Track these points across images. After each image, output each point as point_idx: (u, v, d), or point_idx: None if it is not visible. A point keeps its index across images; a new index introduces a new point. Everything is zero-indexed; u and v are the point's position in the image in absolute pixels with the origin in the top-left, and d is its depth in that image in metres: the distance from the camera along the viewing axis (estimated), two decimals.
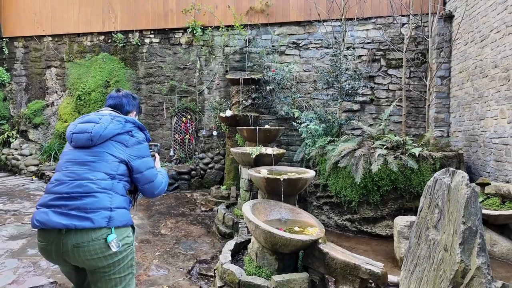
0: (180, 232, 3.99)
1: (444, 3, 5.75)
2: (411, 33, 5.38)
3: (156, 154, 1.89)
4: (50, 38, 7.71)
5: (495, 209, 3.41)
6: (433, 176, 2.12)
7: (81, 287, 1.65)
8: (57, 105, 7.67)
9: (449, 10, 5.52)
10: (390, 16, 5.95)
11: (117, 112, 1.79)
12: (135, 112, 1.94)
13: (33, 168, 6.91)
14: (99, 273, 1.48)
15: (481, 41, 4.63)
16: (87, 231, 1.40)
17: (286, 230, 2.67)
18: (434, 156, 3.84)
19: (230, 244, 2.95)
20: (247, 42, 6.66)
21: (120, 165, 1.57)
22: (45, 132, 7.67)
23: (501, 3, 4.16)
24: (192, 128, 6.97)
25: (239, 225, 3.63)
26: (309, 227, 2.74)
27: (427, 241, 2.05)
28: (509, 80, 3.99)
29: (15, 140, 7.61)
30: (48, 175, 6.41)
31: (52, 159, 7.03)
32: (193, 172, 6.45)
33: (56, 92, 7.73)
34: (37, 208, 1.48)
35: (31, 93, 7.88)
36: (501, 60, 4.14)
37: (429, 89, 4.89)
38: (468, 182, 1.91)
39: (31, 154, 7.33)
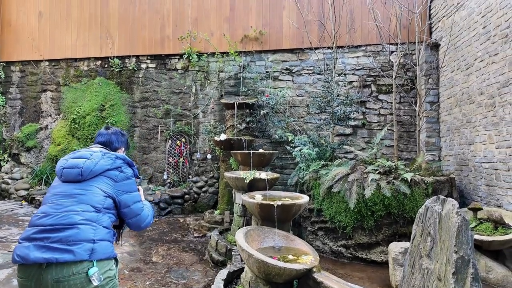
0: (172, 259, 3.90)
1: (430, 33, 6.02)
2: (399, 60, 5.58)
3: (140, 187, 1.90)
4: (47, 63, 7.81)
5: (488, 235, 3.42)
6: (424, 204, 2.14)
7: None
8: (51, 128, 7.66)
9: (435, 40, 5.77)
10: (379, 44, 6.19)
11: (107, 149, 1.84)
12: (123, 148, 2.00)
13: (23, 193, 6.78)
14: None
15: (467, 69, 4.81)
16: (68, 265, 1.37)
17: (280, 258, 2.64)
18: (426, 181, 3.88)
19: (223, 274, 2.89)
20: (242, 68, 6.83)
21: (107, 199, 1.60)
22: (37, 156, 7.59)
23: (484, 34, 4.37)
24: (186, 151, 6.98)
25: (233, 252, 3.57)
26: (303, 255, 2.71)
27: (421, 270, 2.04)
28: (494, 107, 4.12)
29: (6, 163, 7.51)
30: (38, 199, 6.29)
31: (43, 183, 6.92)
32: (186, 196, 6.39)
33: (50, 115, 7.73)
34: (19, 242, 1.45)
35: (25, 116, 7.88)
36: (486, 87, 4.30)
37: (418, 114, 5.01)
38: (458, 210, 1.93)
39: (22, 178, 7.22)
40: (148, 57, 7.32)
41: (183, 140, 7.02)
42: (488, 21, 4.28)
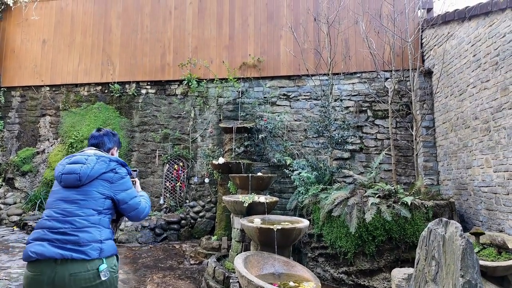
0: None
1: (423, 60, 6.23)
2: (394, 86, 5.73)
3: (136, 179, 2.08)
4: (48, 88, 7.92)
5: (492, 260, 3.35)
6: (427, 227, 2.11)
7: None
8: (47, 152, 7.62)
9: (428, 67, 5.96)
10: (374, 71, 6.37)
11: (100, 150, 1.96)
12: (116, 148, 2.11)
13: (16, 218, 6.61)
14: None
15: (460, 94, 4.94)
16: (82, 262, 1.57)
17: (280, 285, 2.55)
18: (426, 205, 3.86)
19: None
20: (240, 93, 6.96)
21: (106, 200, 1.76)
22: (32, 180, 7.49)
23: (474, 61, 4.53)
24: (183, 175, 6.93)
25: (231, 280, 3.44)
26: (305, 282, 2.62)
27: None
28: (489, 131, 4.19)
29: (0, 188, 7.38)
30: (30, 225, 6.12)
31: (37, 208, 6.77)
32: (183, 221, 6.26)
33: (48, 139, 7.72)
34: (29, 242, 1.61)
35: (23, 140, 7.86)
36: (480, 112, 4.39)
37: (415, 139, 5.07)
38: (462, 232, 1.91)
39: (15, 203, 7.06)
40: (148, 83, 7.46)
41: (181, 164, 6.99)
42: (478, 49, 4.45)
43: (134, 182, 2.05)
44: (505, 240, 3.48)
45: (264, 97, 6.89)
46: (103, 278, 1.59)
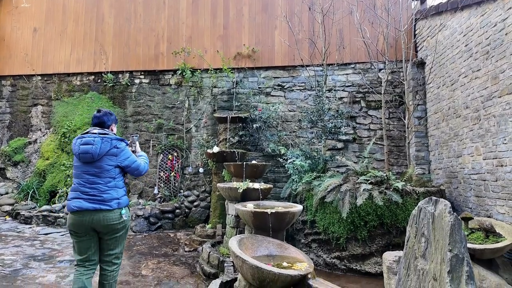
0: (162, 273, 3.78)
1: (416, 51, 6.29)
2: (387, 77, 5.78)
3: (137, 142, 2.81)
4: (39, 77, 7.79)
5: (480, 243, 3.44)
6: (417, 206, 2.16)
7: (86, 256, 2.43)
8: (40, 142, 7.53)
9: (421, 58, 6.02)
10: (368, 62, 6.41)
11: (102, 128, 2.54)
12: (114, 124, 2.70)
13: (8, 208, 6.55)
14: (113, 235, 2.44)
15: (451, 84, 5.01)
16: (108, 210, 2.39)
17: (274, 265, 2.59)
18: (417, 191, 3.93)
19: (216, 283, 2.81)
20: (235, 83, 6.94)
21: (116, 169, 2.50)
22: (24, 170, 7.41)
23: (466, 51, 4.60)
24: (178, 165, 6.92)
25: (225, 264, 3.49)
26: (298, 263, 2.67)
27: (416, 271, 2.03)
28: (480, 120, 4.27)
29: None
30: (23, 214, 6.07)
31: (29, 198, 6.72)
32: (177, 210, 6.27)
33: (40, 129, 7.63)
34: (70, 200, 2.41)
35: (14, 130, 7.75)
36: (471, 101, 4.47)
37: (408, 128, 5.14)
38: (451, 210, 1.96)
39: (7, 193, 6.99)
40: (142, 73, 7.39)
41: (175, 154, 6.98)
42: (470, 39, 4.51)
43: (135, 145, 2.77)
44: (492, 224, 3.58)
45: (259, 88, 6.89)
46: (124, 218, 2.47)
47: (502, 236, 3.46)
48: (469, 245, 3.31)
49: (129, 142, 2.72)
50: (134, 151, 2.74)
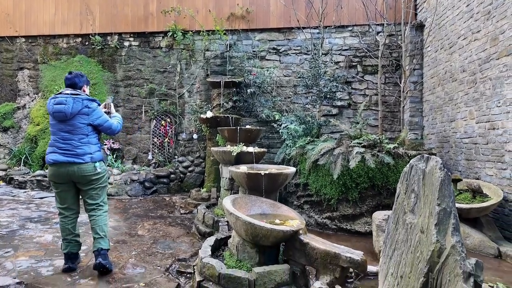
0: (158, 233, 3.87)
1: (416, 14, 6.08)
2: (385, 40, 5.62)
3: (111, 104, 2.98)
4: (23, 39, 7.44)
5: (467, 203, 3.56)
6: (408, 163, 2.18)
7: (70, 204, 2.73)
8: (29, 108, 7.36)
9: (420, 20, 5.83)
10: (366, 24, 6.20)
11: (74, 89, 2.71)
12: (85, 85, 2.87)
13: (1, 173, 6.53)
14: (90, 185, 2.68)
15: (450, 47, 4.90)
16: (83, 163, 2.62)
17: (267, 222, 2.65)
18: (409, 154, 3.98)
19: (211, 240, 2.89)
20: (228, 46, 6.72)
21: (88, 127, 2.69)
22: (15, 136, 7.30)
23: (467, 12, 4.45)
24: (171, 131, 6.87)
25: (220, 224, 3.57)
26: (290, 220, 2.74)
27: (405, 225, 2.09)
28: (475, 83, 4.23)
29: None
30: (17, 179, 6.07)
31: (22, 164, 6.68)
32: (172, 175, 6.32)
33: (28, 94, 7.42)
34: (47, 154, 2.64)
35: (1, 95, 7.52)
36: (468, 64, 4.40)
37: (403, 91, 5.09)
38: (442, 166, 1.98)
39: None
40: (131, 35, 7.09)
41: (168, 120, 6.90)
42: None
43: (109, 106, 2.94)
44: (480, 185, 3.68)
45: (253, 51, 6.68)
46: (98, 170, 2.69)
47: (488, 196, 3.57)
48: (456, 205, 3.40)
49: (105, 104, 2.94)
50: (109, 112, 2.93)
